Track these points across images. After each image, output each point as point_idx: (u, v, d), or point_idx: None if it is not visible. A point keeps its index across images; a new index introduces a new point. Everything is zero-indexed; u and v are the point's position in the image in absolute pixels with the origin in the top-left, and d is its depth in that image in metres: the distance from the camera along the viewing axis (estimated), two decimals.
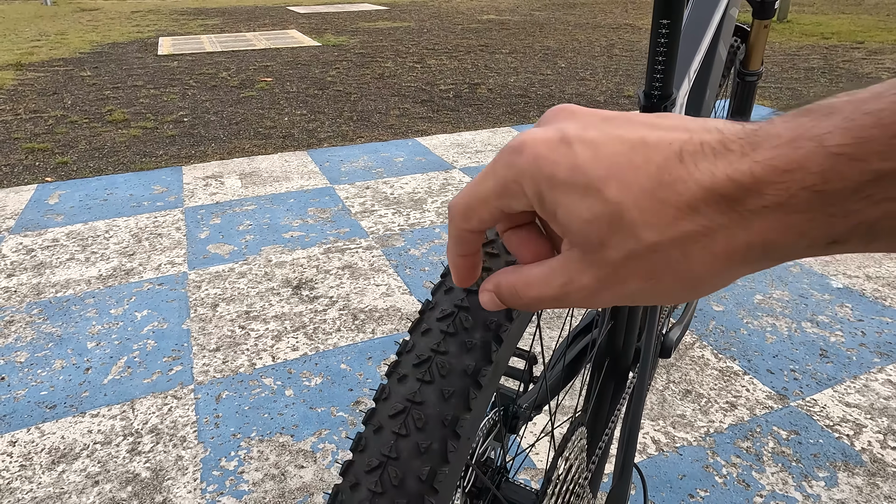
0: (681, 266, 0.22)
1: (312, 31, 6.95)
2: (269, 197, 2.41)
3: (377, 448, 0.32)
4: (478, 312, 0.35)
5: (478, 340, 0.34)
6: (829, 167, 0.18)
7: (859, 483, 1.13)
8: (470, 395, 0.32)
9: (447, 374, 0.33)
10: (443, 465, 0.31)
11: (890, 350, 1.49)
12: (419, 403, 0.32)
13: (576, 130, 0.23)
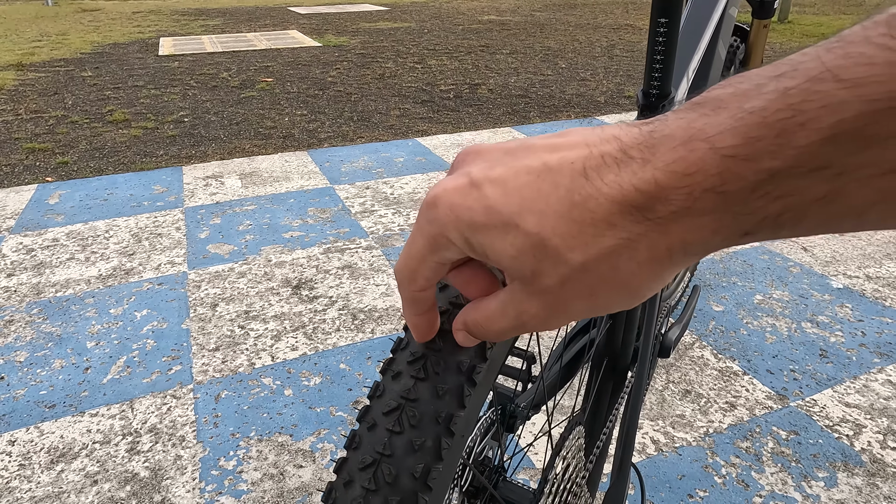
0: (613, 278, 0.22)
1: (313, 32, 6.95)
2: (270, 197, 2.41)
3: (371, 446, 0.32)
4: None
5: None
6: (724, 169, 0.19)
7: (859, 483, 1.12)
8: (464, 392, 0.32)
9: (441, 373, 0.33)
10: (437, 462, 0.31)
11: (890, 350, 1.49)
12: (413, 400, 0.32)
13: (481, 171, 0.23)
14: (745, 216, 0.19)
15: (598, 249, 0.22)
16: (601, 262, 0.22)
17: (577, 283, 0.23)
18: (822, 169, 0.18)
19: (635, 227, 0.21)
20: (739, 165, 0.19)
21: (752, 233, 0.20)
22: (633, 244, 0.21)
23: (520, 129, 3.33)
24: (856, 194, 0.18)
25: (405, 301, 0.28)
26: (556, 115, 3.61)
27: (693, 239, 0.21)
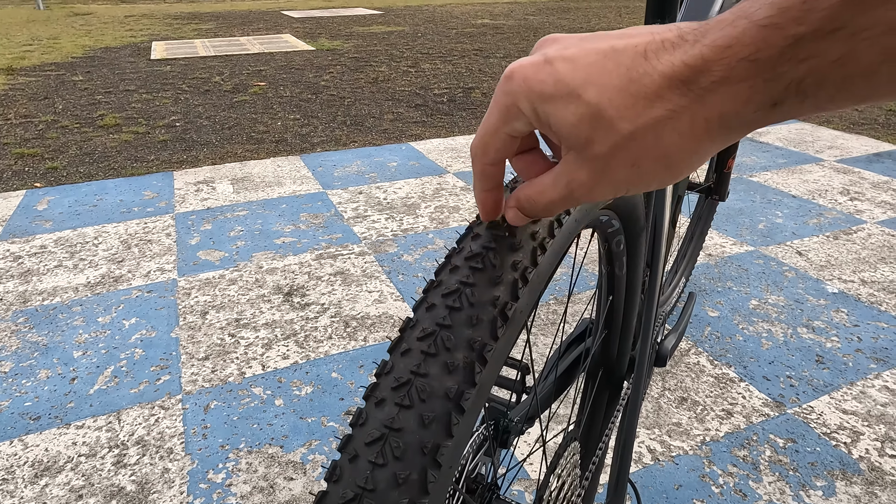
0: (657, 148, 0.25)
1: (306, 36, 6.93)
2: (261, 202, 2.39)
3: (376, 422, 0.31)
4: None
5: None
6: (759, 38, 0.22)
7: (857, 492, 1.11)
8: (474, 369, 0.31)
9: (451, 348, 0.32)
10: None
11: (886, 356, 1.48)
12: (424, 375, 0.32)
13: (556, 51, 0.27)
14: (773, 83, 0.22)
15: (645, 119, 0.25)
16: (647, 132, 0.25)
17: (623, 152, 0.26)
18: (837, 30, 0.21)
19: (680, 99, 0.24)
20: (771, 33, 0.22)
21: (779, 102, 0.23)
22: (676, 115, 0.24)
23: None
24: (865, 53, 0.21)
25: (477, 175, 0.32)
26: None
27: (728, 109, 0.24)
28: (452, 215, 2.27)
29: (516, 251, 0.36)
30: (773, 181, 2.59)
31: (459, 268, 0.35)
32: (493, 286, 0.34)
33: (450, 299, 0.34)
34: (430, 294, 0.35)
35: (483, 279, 0.34)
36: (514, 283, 0.35)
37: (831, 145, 3.05)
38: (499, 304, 0.34)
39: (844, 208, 2.31)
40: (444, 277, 0.36)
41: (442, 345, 0.32)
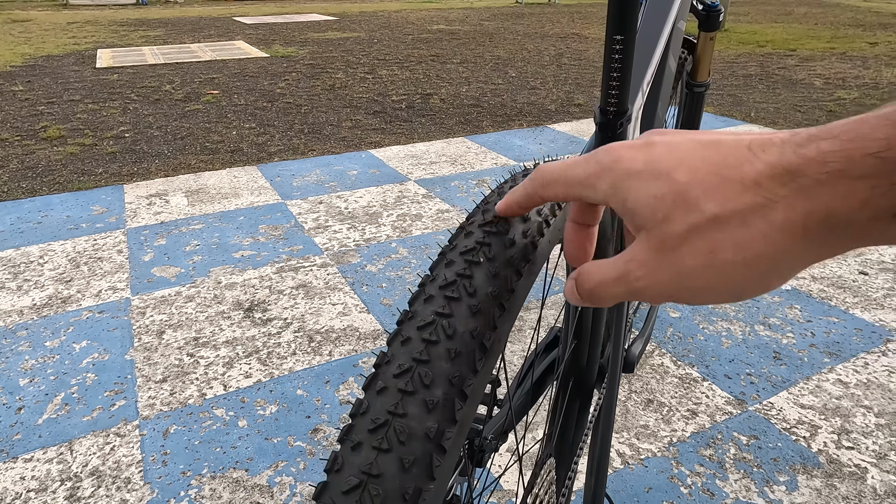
0: (740, 239, 0.22)
1: (260, 42, 6.82)
2: (218, 215, 2.32)
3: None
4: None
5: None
6: (893, 134, 0.19)
7: (818, 485, 1.14)
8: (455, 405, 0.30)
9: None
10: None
11: (838, 350, 1.53)
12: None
13: (659, 137, 0.26)
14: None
15: (735, 204, 0.22)
16: (733, 218, 0.22)
17: (701, 235, 0.23)
18: None
19: (780, 189, 0.22)
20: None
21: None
22: (772, 204, 0.22)
23: (473, 138, 3.33)
24: None
25: (523, 190, 0.32)
26: (509, 123, 3.63)
27: (838, 207, 0.21)
28: (415, 223, 2.26)
29: (494, 279, 0.35)
30: None
31: (434, 297, 0.34)
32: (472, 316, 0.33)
33: (427, 331, 0.33)
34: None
35: (460, 309, 0.33)
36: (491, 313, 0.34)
37: None
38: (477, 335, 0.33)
39: None
40: (419, 308, 0.34)
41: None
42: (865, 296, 1.78)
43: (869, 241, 0.21)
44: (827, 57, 5.81)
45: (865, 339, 1.58)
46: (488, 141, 3.28)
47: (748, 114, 3.84)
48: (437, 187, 2.61)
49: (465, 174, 2.77)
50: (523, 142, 3.26)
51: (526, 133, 3.43)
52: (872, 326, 1.63)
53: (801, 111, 3.87)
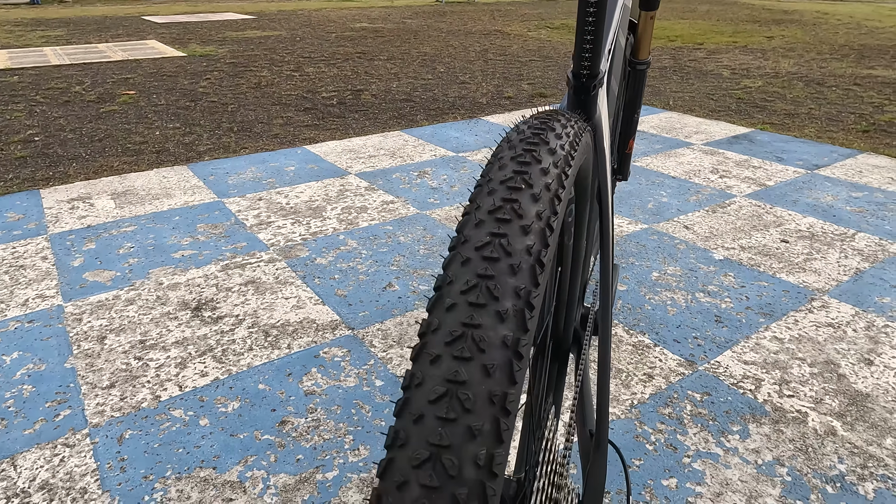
0: None
1: (175, 42, 6.51)
2: (151, 216, 2.21)
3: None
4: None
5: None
6: None
7: (767, 431, 1.23)
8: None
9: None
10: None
11: (771, 310, 1.65)
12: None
13: None
14: None
15: None
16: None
17: None
18: None
19: None
20: None
21: None
22: None
23: (409, 131, 3.33)
24: None
25: None
26: (443, 117, 3.65)
27: None
28: (361, 215, 2.23)
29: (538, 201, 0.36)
30: (654, 165, 2.81)
31: (485, 222, 0.35)
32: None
33: (486, 251, 0.33)
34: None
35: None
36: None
37: (697, 131, 3.37)
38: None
39: (716, 185, 2.56)
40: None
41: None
42: (788, 261, 1.92)
43: None
44: (731, 50, 6.23)
45: (793, 299, 1.71)
46: (425, 134, 3.29)
47: (667, 102, 4.05)
48: (378, 180, 2.60)
49: (406, 166, 2.77)
50: (459, 133, 3.29)
51: (461, 125, 3.47)
52: (798, 288, 1.76)
53: (713, 99, 4.13)
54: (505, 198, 0.35)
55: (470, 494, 0.26)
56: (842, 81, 4.67)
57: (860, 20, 8.98)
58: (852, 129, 3.39)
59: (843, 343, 1.51)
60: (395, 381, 1.36)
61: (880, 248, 2.01)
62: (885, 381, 1.37)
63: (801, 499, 1.07)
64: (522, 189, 0.36)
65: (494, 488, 0.27)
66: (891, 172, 2.72)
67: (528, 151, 0.39)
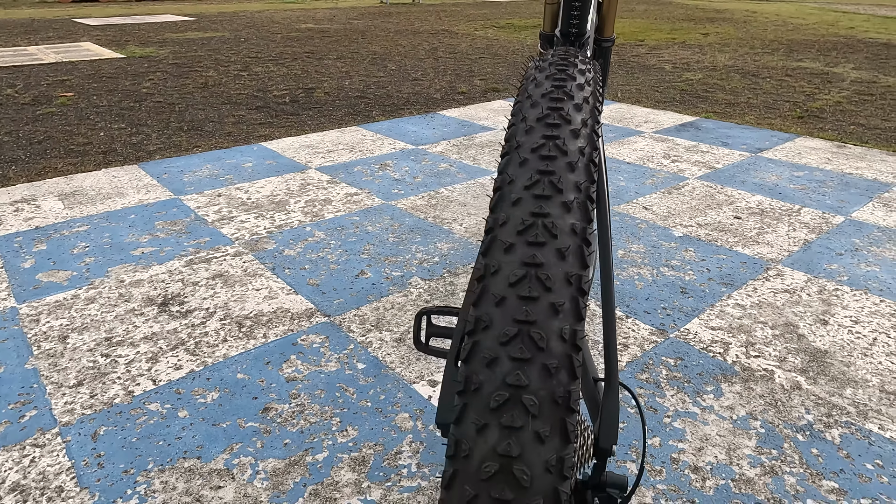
0: None
1: (111, 43, 6.26)
2: (104, 215, 2.11)
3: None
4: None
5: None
6: None
7: (738, 389, 1.29)
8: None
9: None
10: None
11: (731, 280, 1.73)
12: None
13: None
14: None
15: None
16: None
17: None
18: None
19: None
20: None
21: None
22: None
23: (367, 126, 3.31)
24: None
25: None
26: (399, 111, 3.65)
27: None
28: (326, 207, 2.21)
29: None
30: (609, 152, 2.89)
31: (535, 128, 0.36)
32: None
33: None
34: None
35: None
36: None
37: (647, 120, 3.48)
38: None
39: (670, 169, 2.66)
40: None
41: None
42: (743, 235, 2.02)
43: None
44: (670, 46, 6.47)
45: (750, 269, 1.79)
46: (382, 128, 3.28)
47: (615, 95, 4.18)
48: (340, 173, 2.57)
49: (367, 159, 2.76)
50: (417, 127, 3.30)
51: (418, 119, 3.47)
52: (753, 259, 1.85)
53: (658, 91, 4.28)
54: (551, 107, 0.37)
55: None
56: (775, 73, 4.93)
57: (786, 18, 9.50)
58: (788, 116, 3.58)
59: (800, 306, 1.60)
60: (377, 363, 1.36)
61: (824, 221, 2.13)
62: (840, 339, 1.46)
63: (776, 448, 1.13)
64: (565, 100, 0.37)
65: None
66: (826, 153, 2.89)
67: (563, 70, 0.40)
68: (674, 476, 1.06)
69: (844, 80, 4.66)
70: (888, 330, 1.49)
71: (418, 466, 1.08)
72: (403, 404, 1.23)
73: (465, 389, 0.28)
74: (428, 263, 1.81)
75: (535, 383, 0.28)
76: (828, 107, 3.79)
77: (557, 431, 0.28)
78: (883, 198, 2.34)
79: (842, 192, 2.40)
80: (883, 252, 1.89)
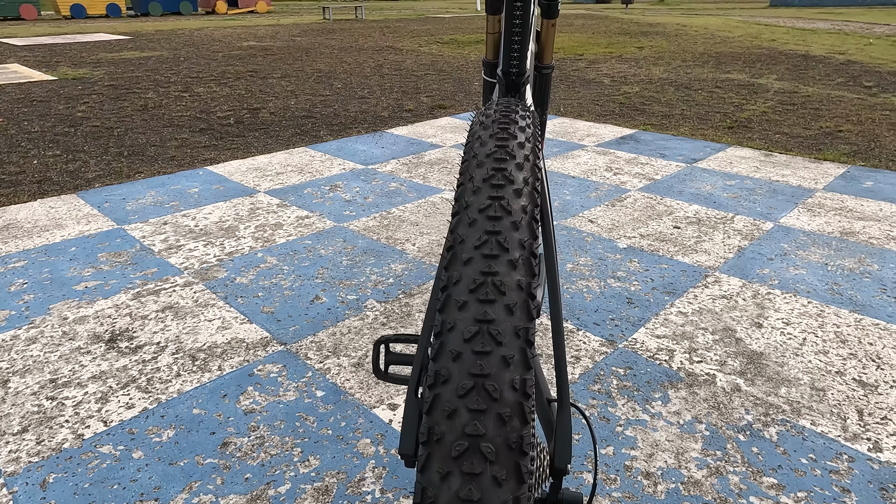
0: None
1: (41, 65, 6.02)
2: (41, 249, 2.04)
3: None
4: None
5: None
6: None
7: (684, 395, 1.36)
8: None
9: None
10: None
11: (673, 289, 1.82)
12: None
13: None
14: None
15: None
16: None
17: None
18: None
19: None
20: None
21: None
22: None
23: (315, 147, 3.30)
24: None
25: None
26: (347, 131, 3.66)
27: None
28: (277, 232, 2.19)
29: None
30: (554, 166, 2.98)
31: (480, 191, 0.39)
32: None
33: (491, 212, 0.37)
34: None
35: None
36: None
37: (589, 133, 3.61)
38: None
39: (612, 182, 2.76)
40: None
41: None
42: (682, 244, 2.12)
43: None
44: (608, 59, 6.72)
45: (690, 277, 1.89)
46: (331, 148, 3.28)
47: (558, 109, 4.31)
48: (290, 196, 2.56)
49: (317, 181, 2.75)
50: (366, 147, 3.31)
51: (366, 139, 3.49)
52: (693, 267, 1.95)
53: (598, 104, 4.45)
54: (495, 167, 0.40)
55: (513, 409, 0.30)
56: (706, 85, 5.19)
57: (713, 31, 10.01)
58: (719, 126, 3.78)
59: (736, 311, 1.69)
60: (336, 390, 1.36)
61: (755, 227, 2.26)
62: (773, 340, 1.56)
63: (720, 449, 1.20)
64: (507, 160, 0.41)
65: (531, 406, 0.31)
66: (755, 162, 3.07)
67: (504, 129, 0.43)
68: (627, 483, 1.11)
69: (769, 90, 4.95)
70: (816, 330, 1.60)
71: (382, 492, 1.09)
72: (364, 430, 1.24)
73: (429, 440, 0.31)
74: (383, 285, 1.83)
75: (491, 432, 0.30)
76: (755, 117, 4.02)
77: (513, 474, 0.31)
78: (807, 203, 2.50)
79: (770, 199, 2.55)
80: (808, 256, 2.03)
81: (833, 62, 6.47)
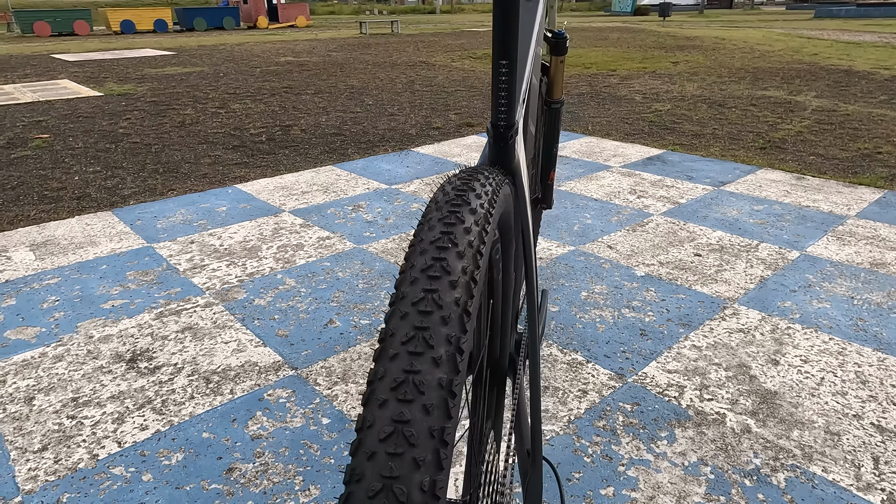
0: None
1: (90, 81, 6.29)
2: (75, 266, 2.13)
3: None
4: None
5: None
6: None
7: (691, 434, 1.33)
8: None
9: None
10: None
11: (689, 321, 1.79)
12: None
13: None
14: None
15: None
16: None
17: None
18: None
19: None
20: None
21: None
22: None
23: (341, 165, 3.36)
24: None
25: None
26: (374, 149, 3.72)
27: None
28: (298, 253, 2.24)
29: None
30: (577, 188, 2.97)
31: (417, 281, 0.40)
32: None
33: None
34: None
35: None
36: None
37: (615, 154, 3.58)
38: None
39: (635, 205, 2.73)
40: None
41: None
42: (702, 273, 2.09)
43: None
44: (641, 75, 6.65)
45: (707, 308, 1.86)
46: (357, 167, 3.34)
47: (586, 128, 4.29)
48: (313, 216, 2.61)
49: (340, 201, 2.80)
50: (391, 166, 3.36)
51: (392, 157, 3.54)
52: (711, 298, 1.92)
53: (628, 123, 4.40)
54: (434, 257, 0.41)
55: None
56: (740, 102, 5.09)
57: (753, 44, 9.81)
58: (751, 147, 3.70)
59: (753, 346, 1.65)
60: (341, 417, 1.39)
61: (780, 257, 2.21)
62: (789, 379, 1.52)
63: (724, 494, 1.17)
64: (449, 248, 0.42)
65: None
66: (786, 186, 2.99)
67: (453, 213, 0.45)
68: None
69: (806, 108, 4.82)
70: (835, 368, 1.55)
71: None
72: None
73: None
74: None
75: None
76: (789, 137, 3.92)
77: None
78: (837, 231, 2.43)
79: (798, 225, 2.49)
80: (834, 288, 1.97)
81: (877, 78, 6.26)
